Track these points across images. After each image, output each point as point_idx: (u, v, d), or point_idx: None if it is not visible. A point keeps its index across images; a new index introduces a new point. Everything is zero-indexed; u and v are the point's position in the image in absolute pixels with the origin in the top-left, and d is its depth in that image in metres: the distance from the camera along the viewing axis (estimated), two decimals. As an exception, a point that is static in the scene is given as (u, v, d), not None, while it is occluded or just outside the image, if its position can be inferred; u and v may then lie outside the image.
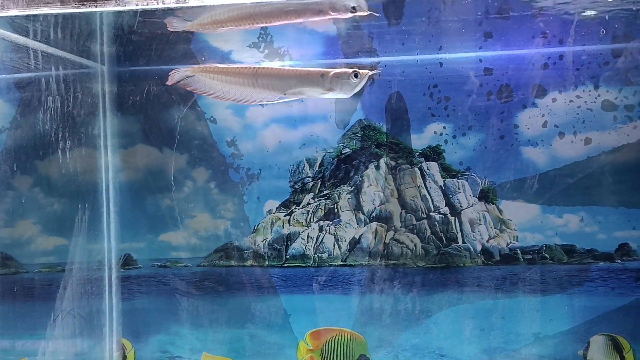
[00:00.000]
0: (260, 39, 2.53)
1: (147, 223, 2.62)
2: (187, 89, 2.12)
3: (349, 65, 2.41)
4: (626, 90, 2.36)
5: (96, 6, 1.68)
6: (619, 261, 2.36)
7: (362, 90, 2.54)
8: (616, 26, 2.25)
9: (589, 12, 2.21)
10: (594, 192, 2.38)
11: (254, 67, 2.06)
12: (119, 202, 2.62)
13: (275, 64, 2.45)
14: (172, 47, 2.52)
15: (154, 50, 2.52)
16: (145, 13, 2.26)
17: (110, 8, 1.79)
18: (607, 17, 2.23)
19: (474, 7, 2.35)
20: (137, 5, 1.72)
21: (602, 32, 2.27)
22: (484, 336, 2.44)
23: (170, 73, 2.09)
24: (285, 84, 2.05)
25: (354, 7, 1.92)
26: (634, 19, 2.24)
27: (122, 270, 2.63)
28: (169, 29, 2.07)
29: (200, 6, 1.93)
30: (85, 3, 1.70)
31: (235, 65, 2.11)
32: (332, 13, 1.91)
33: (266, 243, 2.59)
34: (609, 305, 2.36)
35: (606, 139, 2.37)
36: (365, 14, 1.92)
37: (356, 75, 2.02)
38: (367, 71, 2.04)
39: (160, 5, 1.80)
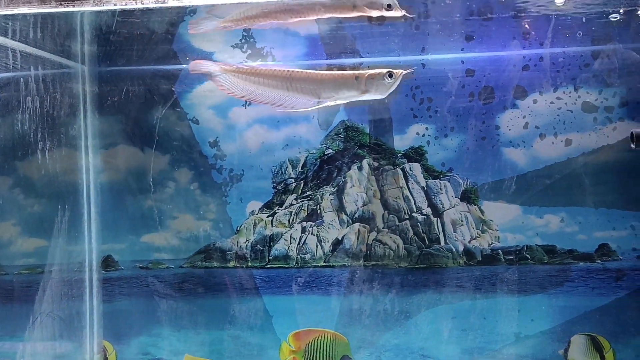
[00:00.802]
0: (243, 39, 2.52)
1: (128, 224, 2.60)
2: (220, 89, 2.10)
3: (330, 67, 2.42)
4: (606, 91, 2.39)
5: (74, 6, 1.67)
6: (598, 261, 2.39)
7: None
8: (595, 28, 2.27)
9: (568, 14, 2.22)
10: (574, 192, 2.40)
11: (289, 70, 2.03)
12: (100, 203, 2.60)
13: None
14: (153, 47, 2.50)
15: (136, 51, 2.51)
16: (126, 13, 2.25)
17: (89, 8, 1.77)
18: (584, 20, 2.24)
19: (456, 9, 2.36)
20: (115, 5, 1.70)
21: (579, 34, 2.29)
22: (465, 336, 2.45)
23: (194, 61, 2.07)
24: (320, 88, 2.02)
25: (389, 5, 1.91)
26: (612, 22, 2.27)
27: (103, 271, 2.60)
28: (192, 31, 2.04)
29: (214, 5, 1.89)
30: (63, 3, 1.68)
31: (268, 67, 2.08)
32: (367, 10, 1.88)
33: (249, 244, 2.58)
34: (589, 305, 2.38)
35: (586, 140, 2.40)
36: (400, 14, 1.92)
37: (390, 76, 2.00)
38: (401, 71, 2.03)
39: (139, 5, 1.79)
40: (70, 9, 1.67)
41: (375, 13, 1.91)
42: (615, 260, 2.38)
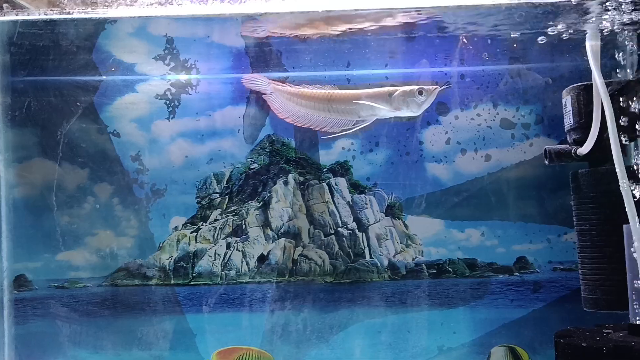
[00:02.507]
0: (166, 51, 2.47)
1: (43, 242, 2.48)
2: (271, 108, 2.09)
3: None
4: (523, 109, 2.47)
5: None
6: (517, 274, 2.45)
7: (269, 105, 2.54)
8: (513, 48, 2.35)
9: (487, 35, 2.28)
10: (494, 207, 2.47)
11: (329, 92, 2.02)
12: (13, 219, 2.47)
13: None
14: (71, 58, 2.41)
15: (52, 60, 2.41)
16: (42, 22, 2.15)
17: (5, 17, 1.69)
18: (505, 40, 2.31)
19: (380, 28, 2.38)
20: (40, 15, 1.62)
21: (485, 55, 2.37)
22: (391, 350, 2.46)
23: (247, 77, 2.02)
24: (357, 107, 2.00)
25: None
26: (528, 42, 2.35)
27: (15, 292, 2.47)
28: (245, 33, 1.99)
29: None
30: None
31: (309, 89, 2.05)
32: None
33: (172, 261, 2.51)
34: (508, 316, 2.44)
35: (505, 156, 2.47)
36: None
37: (421, 93, 2.00)
38: (434, 87, 2.03)
39: (64, 16, 1.71)
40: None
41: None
42: (532, 272, 2.45)
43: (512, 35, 2.20)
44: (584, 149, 1.98)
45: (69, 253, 2.49)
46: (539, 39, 2.01)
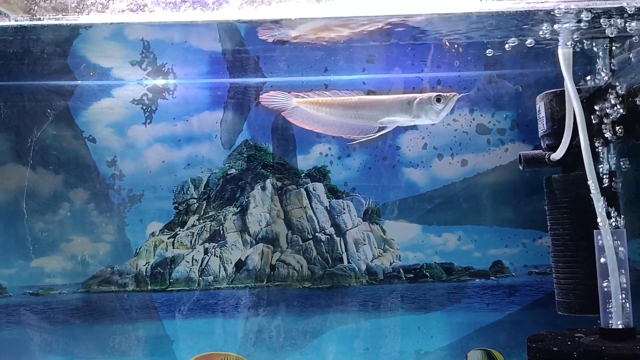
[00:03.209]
0: (142, 56, 2.45)
1: (18, 248, 2.45)
2: (289, 119, 2.03)
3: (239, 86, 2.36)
4: (498, 114, 2.49)
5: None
6: (493, 278, 2.47)
7: (247, 110, 2.54)
8: (488, 54, 2.37)
9: (462, 42, 2.30)
10: (470, 211, 2.49)
11: (356, 98, 2.00)
12: (-14, 225, 2.44)
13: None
14: (46, 62, 2.38)
15: (26, 65, 2.38)
16: (10, 29, 2.12)
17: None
18: (480, 46, 2.33)
19: (357, 34, 2.39)
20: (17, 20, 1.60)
21: (457, 62, 2.38)
22: (368, 355, 2.46)
23: (265, 94, 1.99)
24: (379, 113, 1.99)
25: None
26: (504, 49, 2.37)
27: (-11, 299, 2.44)
28: (262, 36, 1.96)
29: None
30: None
31: (336, 97, 2.01)
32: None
33: (149, 267, 2.50)
34: (484, 320, 2.46)
35: (481, 161, 2.49)
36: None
37: (439, 100, 1.97)
38: (450, 94, 2.00)
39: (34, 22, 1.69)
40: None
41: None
42: (508, 276, 2.47)
43: (485, 42, 2.22)
44: (557, 155, 2.00)
45: (43, 259, 2.46)
46: (508, 42, 2.02)
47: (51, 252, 2.46)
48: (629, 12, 1.76)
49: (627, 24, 1.84)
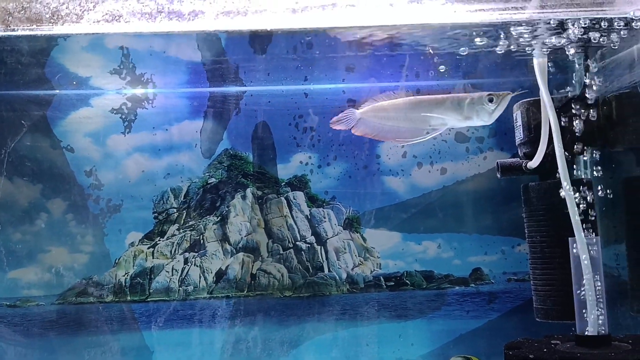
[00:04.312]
0: (121, 65, 2.44)
1: (-6, 259, 2.42)
2: (359, 134, 1.96)
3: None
4: (476, 123, 2.51)
5: None
6: (472, 285, 2.49)
7: (227, 119, 2.54)
8: (464, 64, 2.39)
9: (440, 52, 2.32)
10: (450, 219, 2.50)
11: (407, 99, 1.92)
12: (-38, 237, 2.41)
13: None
14: (23, 72, 2.36)
15: (3, 75, 2.36)
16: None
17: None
18: (456, 56, 2.36)
19: (337, 45, 2.40)
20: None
21: (451, 68, 2.40)
22: (350, 363, 2.47)
23: (334, 119, 1.94)
24: (429, 115, 1.92)
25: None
26: (481, 57, 2.39)
27: (-36, 311, 2.41)
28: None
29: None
30: None
31: (401, 99, 1.93)
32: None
33: (128, 277, 2.48)
34: (464, 327, 2.47)
35: (460, 169, 2.51)
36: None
37: (491, 100, 1.89)
38: (503, 93, 1.91)
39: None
40: None
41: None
42: (487, 283, 2.49)
43: (461, 51, 2.24)
44: (534, 163, 2.03)
45: (20, 271, 2.43)
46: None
47: (28, 263, 2.44)
48: (603, 26, 1.79)
49: (600, 35, 1.87)
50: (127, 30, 1.53)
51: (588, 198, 1.94)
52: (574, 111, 1.97)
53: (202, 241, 2.51)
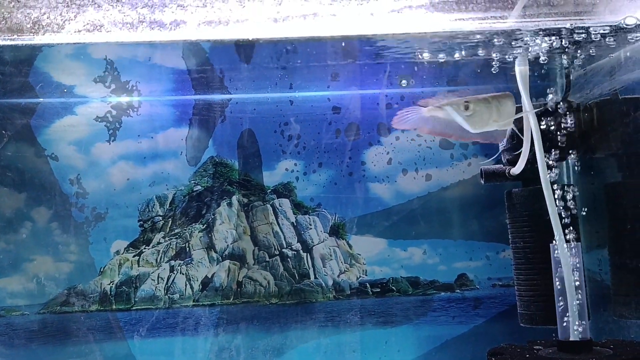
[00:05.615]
0: (106, 73, 2.43)
1: (-23, 269, 2.41)
2: (423, 132, 1.86)
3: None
4: (461, 129, 2.53)
5: None
6: (458, 291, 2.50)
7: (213, 126, 2.54)
8: (449, 71, 2.41)
9: (424, 60, 2.33)
10: (435, 225, 2.51)
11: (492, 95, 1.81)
12: (-55, 246, 2.39)
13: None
14: (6, 80, 2.35)
15: (-15, 83, 2.35)
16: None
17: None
18: (440, 63, 2.37)
19: (322, 53, 2.41)
20: None
21: (435, 76, 2.42)
22: (336, 370, 2.47)
23: (396, 118, 1.83)
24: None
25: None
26: (467, 64, 2.41)
27: (-53, 322, 2.39)
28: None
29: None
30: None
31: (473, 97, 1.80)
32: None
33: (113, 286, 2.47)
34: (450, 333, 2.48)
35: (444, 175, 2.52)
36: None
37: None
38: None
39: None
40: None
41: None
42: (473, 289, 2.50)
43: (444, 59, 2.26)
44: (516, 169, 2.04)
45: (4, 280, 2.41)
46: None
47: (13, 273, 2.42)
48: (583, 35, 1.81)
49: (581, 43, 1.90)
50: (109, 40, 1.53)
51: (569, 204, 1.96)
52: (555, 118, 1.99)
53: (187, 249, 2.50)
